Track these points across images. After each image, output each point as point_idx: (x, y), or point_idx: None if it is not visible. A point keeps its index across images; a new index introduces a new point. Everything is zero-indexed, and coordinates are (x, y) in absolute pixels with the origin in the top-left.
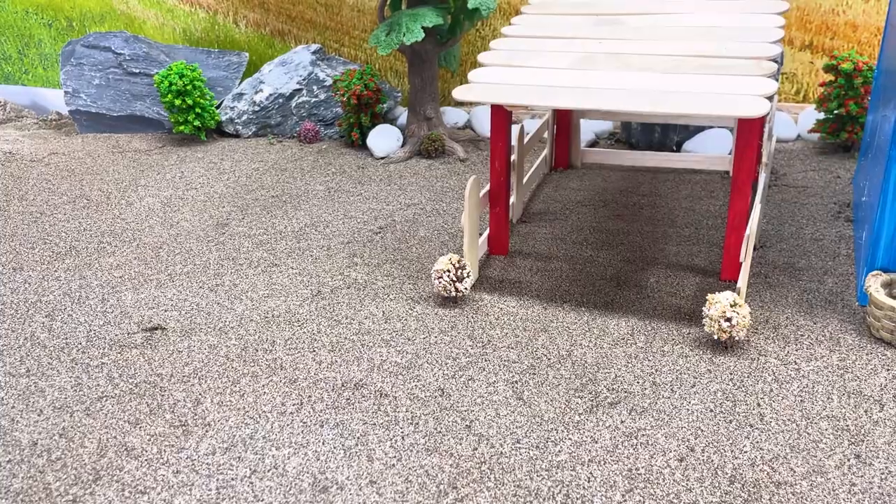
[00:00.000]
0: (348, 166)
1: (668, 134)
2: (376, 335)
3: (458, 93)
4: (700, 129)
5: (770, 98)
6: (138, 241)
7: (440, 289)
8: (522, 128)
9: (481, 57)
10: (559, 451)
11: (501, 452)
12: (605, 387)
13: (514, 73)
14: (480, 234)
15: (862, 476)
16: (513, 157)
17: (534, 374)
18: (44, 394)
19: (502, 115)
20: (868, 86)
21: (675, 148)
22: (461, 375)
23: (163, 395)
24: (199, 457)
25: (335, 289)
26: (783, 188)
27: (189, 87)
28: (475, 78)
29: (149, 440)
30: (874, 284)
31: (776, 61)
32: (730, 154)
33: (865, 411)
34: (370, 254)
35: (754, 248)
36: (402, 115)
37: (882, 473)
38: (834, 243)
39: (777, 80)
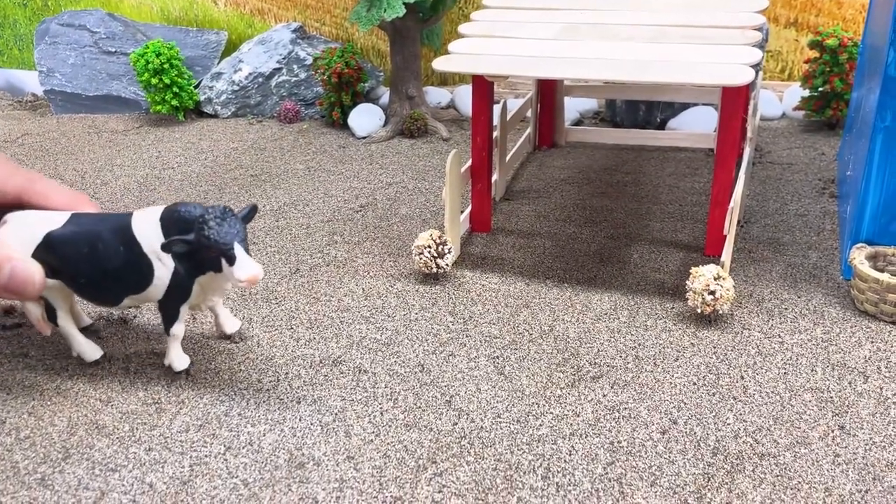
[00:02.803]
0: (329, 146)
1: (653, 112)
2: (356, 312)
3: (439, 63)
4: (685, 106)
5: (755, 67)
6: None
7: (421, 265)
8: (505, 104)
9: (462, 28)
10: (540, 425)
11: (482, 427)
12: (587, 361)
13: (496, 43)
14: (462, 212)
15: (846, 447)
16: (495, 135)
17: (515, 349)
18: (13, 372)
19: (484, 88)
20: (853, 62)
21: (659, 126)
22: (442, 351)
23: (136, 374)
24: (172, 434)
25: (314, 266)
26: (768, 165)
27: (166, 66)
28: (456, 49)
29: (121, 418)
30: (858, 257)
31: (761, 31)
32: (714, 131)
33: (849, 383)
34: (350, 232)
35: (739, 224)
36: (385, 94)
37: (866, 444)
38: (818, 219)
39: (762, 53)
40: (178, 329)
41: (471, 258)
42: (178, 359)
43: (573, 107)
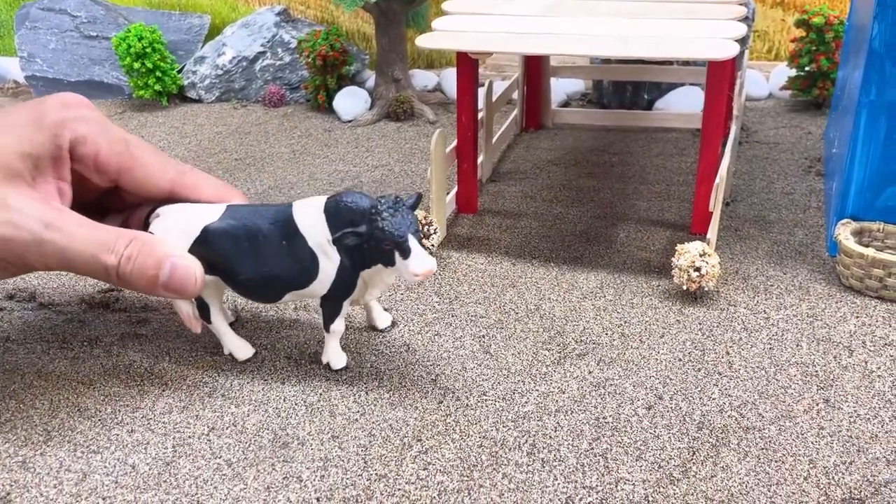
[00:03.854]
0: (314, 129)
1: (640, 93)
2: None
3: (422, 41)
4: (672, 87)
5: (739, 42)
6: None
7: None
8: (490, 85)
9: (446, 5)
10: (526, 403)
11: (467, 405)
12: (573, 339)
13: (480, 20)
14: (448, 193)
15: (830, 420)
16: (481, 116)
17: (501, 328)
18: None
19: (469, 65)
20: (839, 40)
21: (646, 107)
22: (427, 331)
23: (118, 356)
24: (155, 416)
25: None
26: (755, 145)
27: (148, 50)
28: (439, 26)
29: (103, 400)
30: (844, 232)
31: (746, 5)
32: (701, 111)
33: (834, 357)
34: None
35: (725, 203)
36: (371, 77)
37: (851, 417)
38: (805, 197)
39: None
40: (339, 326)
41: (457, 239)
42: (337, 357)
43: (560, 88)
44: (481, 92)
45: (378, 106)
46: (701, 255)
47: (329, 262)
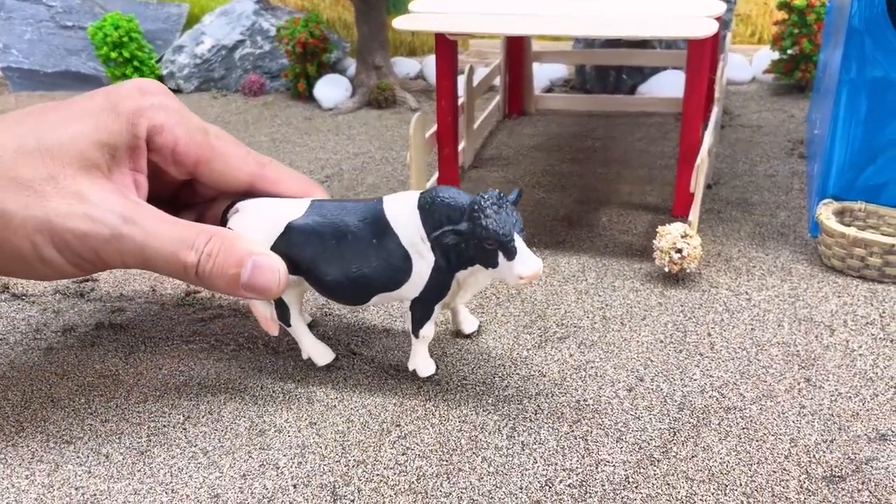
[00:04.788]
0: (295, 118)
1: (623, 78)
2: None
3: (399, 22)
4: (655, 71)
5: (718, 20)
6: None
7: None
8: (471, 70)
9: None
10: (506, 386)
11: (447, 389)
12: (554, 322)
13: (459, 1)
14: (429, 179)
15: (812, 399)
16: (462, 101)
17: (482, 312)
18: None
19: (448, 48)
20: (821, 22)
21: (630, 91)
22: (407, 316)
23: (93, 346)
24: (129, 405)
25: None
26: (738, 128)
27: (125, 39)
28: (417, 7)
29: (77, 391)
30: (825, 212)
31: None
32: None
33: (816, 337)
34: None
35: (707, 186)
36: (352, 66)
37: (832, 395)
38: (787, 179)
39: (731, 16)
40: (429, 331)
41: None
42: (425, 364)
43: (543, 75)
44: (463, 78)
45: (359, 94)
46: (682, 237)
47: (423, 263)
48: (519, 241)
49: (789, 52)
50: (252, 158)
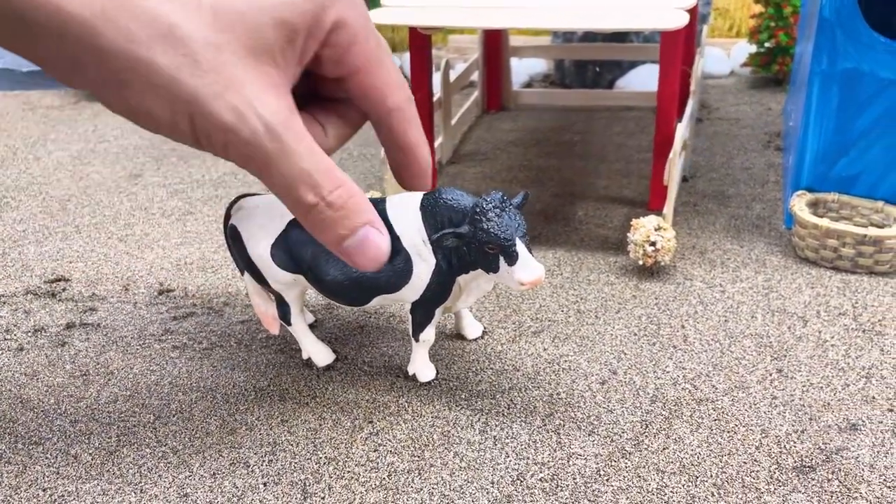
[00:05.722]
0: None
1: (601, 73)
2: None
3: (372, 16)
4: (633, 65)
5: (700, 20)
6: (44, 195)
7: None
8: (447, 65)
9: None
10: (480, 382)
11: (420, 385)
12: (528, 317)
13: None
14: None
15: (783, 389)
16: (439, 97)
17: None
18: None
19: (421, 42)
20: (797, 15)
21: (608, 86)
22: (382, 313)
23: (63, 346)
24: (99, 406)
25: None
26: (716, 121)
27: None
28: (390, 1)
29: (46, 391)
30: (799, 204)
31: None
32: None
33: (789, 328)
34: None
35: (684, 179)
36: None
37: (803, 385)
38: (763, 171)
39: (709, 10)
40: (429, 335)
41: None
42: (425, 368)
43: (523, 70)
44: (439, 73)
45: None
46: (656, 230)
47: (424, 265)
48: (521, 246)
49: (766, 45)
50: (404, 92)
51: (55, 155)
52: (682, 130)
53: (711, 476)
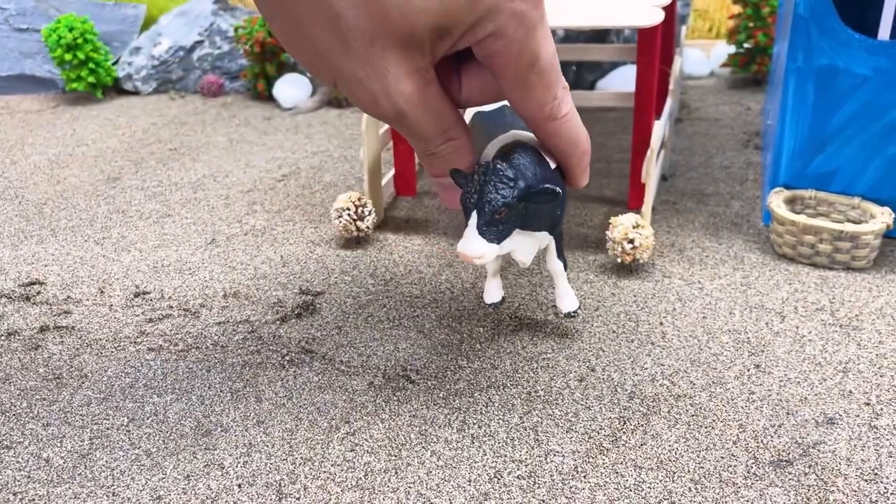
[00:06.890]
0: (254, 118)
1: (583, 73)
2: (272, 279)
3: None
4: (614, 66)
5: (679, 20)
6: (21, 199)
7: (341, 228)
8: None
9: None
10: (458, 380)
11: (398, 385)
12: (507, 315)
13: None
14: (385, 175)
15: (761, 384)
16: None
17: (436, 307)
18: None
19: None
20: (775, 15)
21: (590, 87)
22: (361, 313)
23: (37, 350)
24: (72, 409)
25: (231, 236)
26: (695, 121)
27: (80, 41)
28: None
29: (18, 395)
30: (776, 201)
31: None
32: None
33: (766, 324)
34: (271, 201)
35: (663, 178)
36: None
37: (781, 381)
38: (742, 170)
39: (689, 11)
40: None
41: (395, 221)
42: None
43: None
44: None
45: (320, 93)
46: (634, 227)
47: None
48: (473, 218)
49: (745, 45)
50: (549, 109)
51: (32, 159)
52: (659, 129)
53: (689, 471)
